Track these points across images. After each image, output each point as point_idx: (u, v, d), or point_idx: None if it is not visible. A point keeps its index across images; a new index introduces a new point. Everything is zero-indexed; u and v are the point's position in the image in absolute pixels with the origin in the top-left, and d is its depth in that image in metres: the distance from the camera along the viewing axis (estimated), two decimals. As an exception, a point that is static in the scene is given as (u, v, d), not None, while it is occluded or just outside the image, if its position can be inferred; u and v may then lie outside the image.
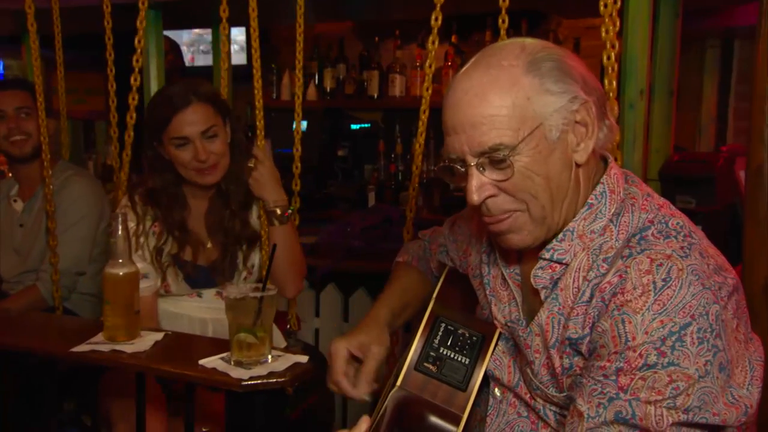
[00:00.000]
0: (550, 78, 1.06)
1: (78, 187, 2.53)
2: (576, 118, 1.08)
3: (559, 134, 1.07)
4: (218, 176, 1.99)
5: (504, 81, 1.06)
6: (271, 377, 1.48)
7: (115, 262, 1.68)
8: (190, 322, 2.08)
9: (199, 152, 1.92)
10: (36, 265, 2.53)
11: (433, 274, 1.62)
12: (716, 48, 3.79)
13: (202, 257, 2.07)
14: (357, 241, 3.09)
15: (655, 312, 0.98)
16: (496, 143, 1.06)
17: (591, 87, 1.10)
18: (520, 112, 1.05)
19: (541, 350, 1.15)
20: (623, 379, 0.98)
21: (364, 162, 4.43)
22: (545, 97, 1.06)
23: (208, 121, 1.94)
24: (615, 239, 1.09)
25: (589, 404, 1.00)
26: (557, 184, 1.09)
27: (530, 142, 1.06)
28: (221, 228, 2.05)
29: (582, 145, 1.09)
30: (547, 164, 1.07)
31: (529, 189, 1.08)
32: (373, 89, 4.21)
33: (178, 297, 2.08)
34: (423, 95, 1.99)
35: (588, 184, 1.13)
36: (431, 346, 1.20)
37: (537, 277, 1.15)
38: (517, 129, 1.05)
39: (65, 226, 2.45)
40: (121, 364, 1.61)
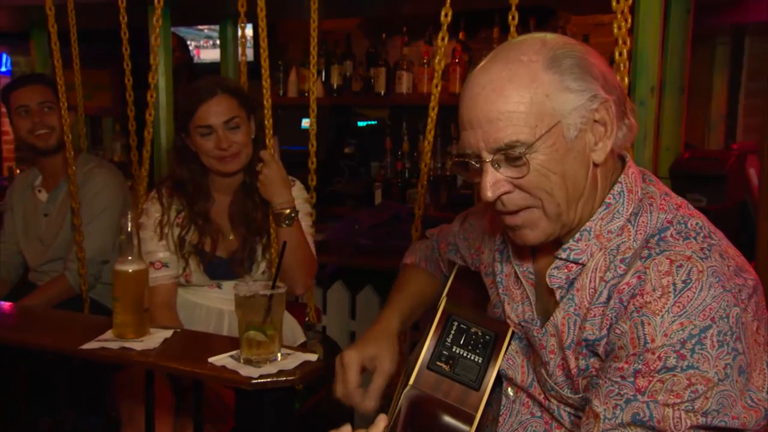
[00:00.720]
0: (571, 75, 1.04)
1: (100, 180, 2.60)
2: (595, 117, 1.06)
3: (577, 133, 1.05)
4: (239, 165, 2.07)
5: (523, 77, 1.04)
6: (281, 375, 1.47)
7: (125, 259, 1.68)
8: (207, 313, 2.12)
9: (221, 140, 2.02)
10: (60, 253, 2.60)
11: (443, 273, 1.61)
12: (726, 45, 3.76)
13: (222, 248, 2.11)
14: (365, 238, 3.08)
15: (674, 314, 0.97)
16: (512, 140, 1.04)
17: (611, 85, 1.08)
18: (538, 109, 1.03)
19: (556, 351, 1.14)
20: (641, 381, 0.97)
21: (371, 159, 4.42)
22: (564, 94, 1.04)
23: (231, 112, 2.05)
24: (633, 240, 1.07)
25: (606, 405, 0.99)
26: (573, 183, 1.07)
27: (547, 140, 1.04)
28: (244, 219, 2.11)
29: (600, 144, 1.08)
30: (563, 163, 1.05)
31: (545, 187, 1.06)
32: (380, 86, 4.20)
33: (197, 287, 2.13)
34: (432, 92, 1.98)
35: (605, 184, 1.12)
36: (444, 344, 1.19)
37: (552, 276, 1.14)
38: (534, 126, 1.03)
39: (89, 217, 2.52)
40: (130, 362, 1.61)
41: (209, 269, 2.09)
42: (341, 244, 3.07)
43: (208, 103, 2.02)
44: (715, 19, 3.45)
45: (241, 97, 2.09)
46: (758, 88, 3.76)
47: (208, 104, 2.02)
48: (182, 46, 4.54)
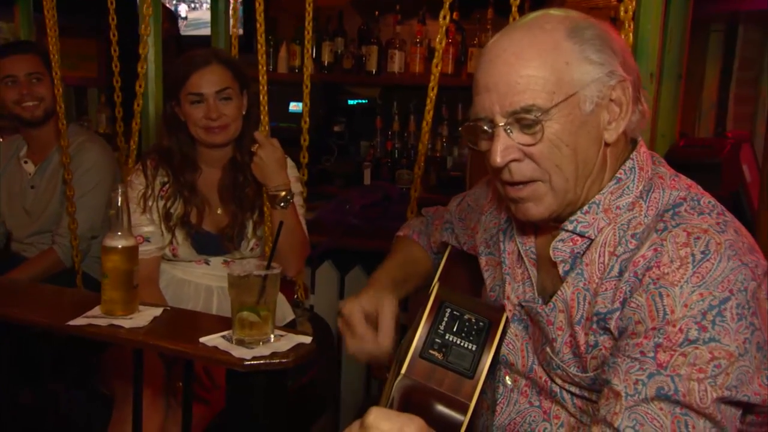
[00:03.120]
0: (592, 47, 1.04)
1: (92, 155, 2.55)
2: (612, 96, 1.06)
3: (593, 107, 1.04)
4: (226, 138, 2.04)
5: (545, 43, 1.04)
6: (275, 357, 1.45)
7: (114, 235, 1.64)
8: (195, 289, 2.10)
9: (211, 110, 1.99)
10: (47, 226, 2.57)
11: (433, 250, 1.59)
12: (720, 32, 3.75)
13: (210, 223, 2.08)
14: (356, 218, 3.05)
15: (694, 284, 0.95)
16: (529, 104, 1.03)
17: (630, 66, 1.07)
18: (558, 76, 1.03)
19: (564, 327, 1.12)
20: (662, 355, 0.95)
21: (361, 138, 4.38)
22: (584, 65, 1.04)
23: (224, 82, 2.02)
24: (644, 215, 1.06)
25: (626, 382, 0.97)
26: (584, 159, 1.06)
27: (563, 109, 1.03)
28: (233, 195, 2.08)
29: (614, 124, 1.07)
30: (576, 136, 1.05)
31: (555, 159, 1.05)
32: (372, 65, 4.14)
33: (186, 263, 2.11)
34: (432, 72, 1.94)
35: (615, 165, 1.11)
36: (437, 332, 1.17)
37: (556, 249, 1.12)
38: (552, 92, 1.03)
39: (81, 192, 2.48)
40: (118, 340, 1.57)
41: (197, 243, 2.07)
42: (332, 224, 3.04)
43: (202, 71, 2.00)
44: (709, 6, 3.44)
45: (236, 70, 2.06)
46: (749, 77, 3.77)
47: (201, 72, 2.00)
48: (170, 19, 4.44)
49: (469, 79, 3.98)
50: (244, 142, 2.08)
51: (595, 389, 1.09)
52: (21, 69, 2.48)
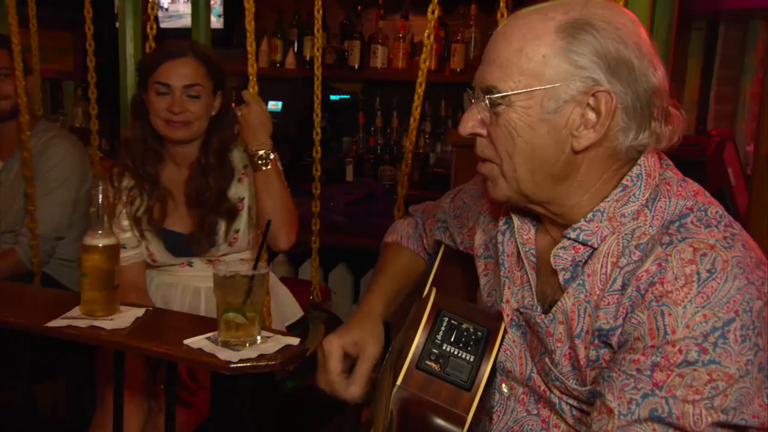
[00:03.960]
0: (581, 49, 0.99)
1: (60, 150, 2.45)
2: (589, 101, 1.00)
3: (558, 107, 1.01)
4: (185, 135, 1.97)
5: (533, 30, 1.02)
6: (261, 360, 1.40)
7: (94, 233, 1.59)
8: (182, 292, 2.06)
9: (174, 103, 1.92)
10: (13, 226, 2.46)
11: (426, 251, 1.56)
12: (701, 30, 3.77)
13: (179, 223, 2.02)
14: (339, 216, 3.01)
15: (698, 305, 0.93)
16: (491, 84, 1.04)
17: (634, 82, 1.00)
18: (527, 65, 1.01)
19: (564, 339, 1.09)
20: (659, 374, 0.93)
21: (343, 134, 4.34)
22: (562, 63, 0.99)
23: (195, 77, 1.94)
24: (649, 225, 1.02)
25: (620, 400, 0.95)
26: (541, 158, 1.04)
27: (523, 100, 1.01)
28: (198, 202, 2.01)
29: (584, 132, 1.02)
30: (533, 131, 1.02)
31: (507, 146, 1.05)
32: (355, 60, 4.11)
33: (170, 267, 2.06)
34: (420, 67, 1.91)
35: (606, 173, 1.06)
36: (434, 342, 1.13)
37: (557, 257, 1.09)
38: (517, 80, 1.02)
39: (46, 190, 2.39)
40: (99, 341, 1.53)
41: (169, 245, 2.01)
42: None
43: (174, 62, 1.92)
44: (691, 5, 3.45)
45: (211, 67, 1.98)
46: (730, 75, 3.79)
47: (173, 63, 1.92)
48: (149, 10, 4.36)
49: (452, 75, 4.00)
50: (211, 144, 2.00)
51: (593, 402, 1.06)
52: None
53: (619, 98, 0.99)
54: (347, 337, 1.33)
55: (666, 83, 1.03)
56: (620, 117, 1.00)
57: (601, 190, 1.06)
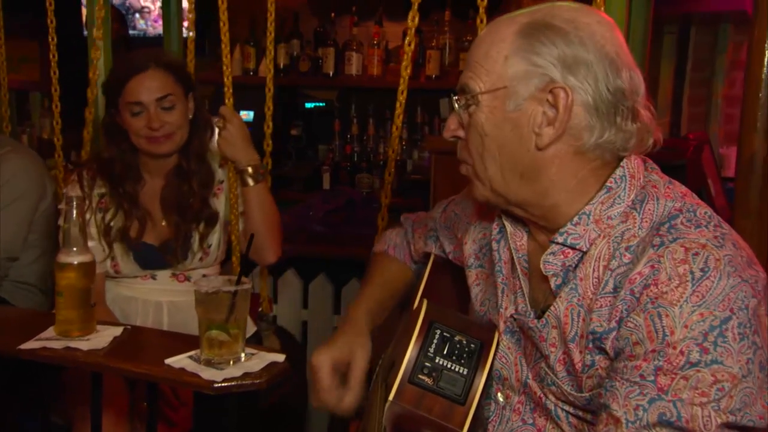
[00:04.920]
0: (538, 49, 1.01)
1: (14, 165, 2.25)
2: (547, 98, 1.02)
3: (517, 105, 1.04)
4: (171, 147, 1.93)
5: (498, 33, 1.06)
6: (246, 378, 1.36)
7: (69, 251, 1.53)
8: (144, 306, 1.98)
9: (152, 119, 1.87)
10: None
11: (414, 259, 1.54)
12: (673, 34, 3.81)
13: (152, 235, 1.97)
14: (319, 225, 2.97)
15: (693, 304, 0.92)
16: (463, 84, 1.09)
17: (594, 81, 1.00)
18: (492, 67, 1.05)
19: (557, 344, 1.07)
20: (663, 379, 0.92)
21: (319, 142, 4.30)
22: (520, 63, 1.03)
23: (165, 88, 1.89)
24: (638, 227, 1.02)
25: (626, 407, 0.93)
26: (508, 158, 1.07)
27: (489, 100, 1.05)
28: (177, 206, 1.96)
29: (546, 129, 1.03)
30: (500, 130, 1.05)
31: (478, 147, 1.08)
32: (329, 67, 4.08)
33: (131, 279, 1.99)
34: (402, 75, 1.89)
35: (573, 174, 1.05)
36: (426, 355, 1.11)
37: (547, 263, 1.07)
38: (484, 81, 1.06)
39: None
40: (76, 363, 1.47)
41: (139, 257, 1.95)
42: (294, 231, 2.95)
43: (140, 78, 1.86)
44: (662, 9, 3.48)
45: (178, 73, 1.92)
46: (702, 78, 3.84)
47: (139, 78, 1.86)
48: (119, 19, 4.29)
49: (427, 82, 3.99)
50: (191, 148, 1.96)
51: (590, 409, 1.05)
52: None
53: (577, 95, 1.01)
54: (334, 349, 1.31)
55: (635, 84, 1.04)
56: (582, 115, 1.02)
57: (581, 191, 1.06)
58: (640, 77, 1.05)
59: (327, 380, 1.28)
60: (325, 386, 1.27)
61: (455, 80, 1.11)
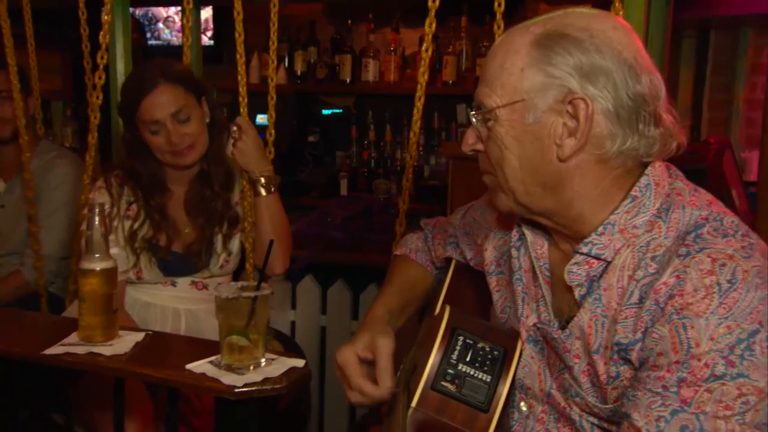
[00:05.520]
0: (554, 60, 1.00)
1: (61, 170, 2.44)
2: (568, 109, 1.01)
3: (536, 118, 1.02)
4: (196, 156, 1.95)
5: (513, 44, 1.04)
6: (267, 383, 1.37)
7: (92, 257, 1.55)
8: (162, 312, 2.00)
9: (171, 135, 1.88)
10: (19, 247, 2.45)
11: (435, 265, 1.53)
12: (692, 38, 3.79)
13: (178, 243, 1.99)
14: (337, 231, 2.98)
15: (720, 316, 0.90)
16: (479, 100, 1.07)
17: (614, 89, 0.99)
18: (507, 80, 1.03)
19: (581, 355, 1.06)
20: (686, 391, 0.91)
21: (336, 148, 4.31)
22: (537, 75, 1.01)
23: (178, 102, 1.89)
24: (664, 236, 1.00)
25: (647, 418, 0.92)
26: (530, 171, 1.05)
27: (507, 114, 1.04)
28: (201, 210, 1.98)
29: (567, 140, 1.02)
30: (520, 143, 1.04)
31: (498, 159, 1.07)
32: (346, 74, 4.09)
33: (151, 285, 2.01)
34: (419, 81, 1.89)
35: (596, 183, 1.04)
36: (449, 362, 1.10)
37: (571, 273, 1.06)
38: (500, 95, 1.04)
39: (50, 210, 2.37)
40: (98, 368, 1.48)
41: (163, 265, 1.98)
42: (313, 237, 2.96)
43: (152, 95, 1.87)
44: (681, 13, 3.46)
45: (187, 83, 1.92)
46: (722, 82, 3.81)
47: (151, 96, 1.87)
48: (138, 28, 4.34)
49: (444, 87, 3.98)
50: (209, 151, 1.98)
51: (615, 421, 1.04)
52: None
53: (597, 104, 1.00)
54: (357, 342, 1.29)
55: (656, 88, 1.02)
56: (604, 123, 1.00)
57: (605, 200, 1.05)
58: (661, 80, 1.03)
59: (357, 372, 1.26)
60: (359, 375, 1.26)
61: (472, 86, 1.10)
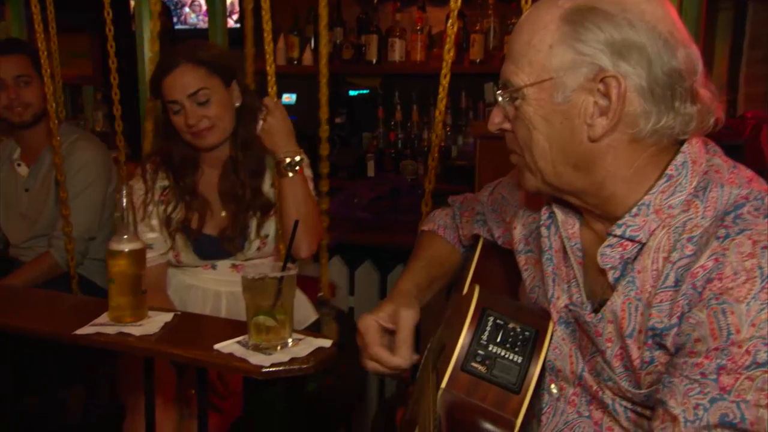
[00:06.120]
0: (586, 35, 0.95)
1: (86, 153, 2.47)
2: (599, 88, 0.96)
3: (566, 97, 0.98)
4: (216, 138, 1.94)
5: (541, 20, 1.00)
6: (294, 363, 1.37)
7: (120, 238, 1.56)
8: (203, 295, 2.03)
9: (188, 116, 1.88)
10: (45, 230, 2.49)
11: (463, 243, 1.51)
12: (729, 11, 3.67)
13: (211, 226, 2.00)
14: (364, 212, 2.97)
15: (762, 301, 0.87)
16: (506, 79, 1.04)
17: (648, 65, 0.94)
18: (536, 57, 0.99)
19: (614, 339, 1.03)
20: (726, 378, 0.88)
21: (363, 129, 4.29)
22: (567, 52, 0.97)
23: (197, 83, 1.88)
24: (701, 216, 0.97)
25: (685, 406, 0.90)
26: (559, 151, 1.02)
27: (535, 93, 1.00)
28: (233, 196, 1.99)
29: (598, 120, 0.97)
30: (548, 123, 1.00)
31: (526, 139, 1.04)
32: (372, 54, 4.05)
33: (192, 268, 2.03)
34: (444, 58, 1.86)
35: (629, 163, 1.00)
36: (479, 343, 1.08)
37: (605, 255, 1.03)
38: (528, 73, 1.00)
39: (75, 192, 2.40)
40: (128, 348, 1.50)
41: (198, 248, 1.99)
42: (340, 218, 2.95)
43: (172, 76, 1.87)
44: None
45: (211, 65, 1.90)
46: (760, 56, 3.69)
47: (171, 77, 1.87)
48: (165, 12, 4.35)
49: (471, 66, 3.93)
50: (237, 137, 1.97)
51: (649, 405, 1.02)
52: (8, 72, 2.38)
53: (630, 82, 0.95)
54: (380, 311, 1.29)
55: (692, 62, 0.98)
56: (637, 101, 0.96)
57: (639, 180, 1.01)
58: (698, 54, 0.99)
59: (376, 338, 1.25)
60: (375, 343, 1.25)
61: (500, 64, 1.05)
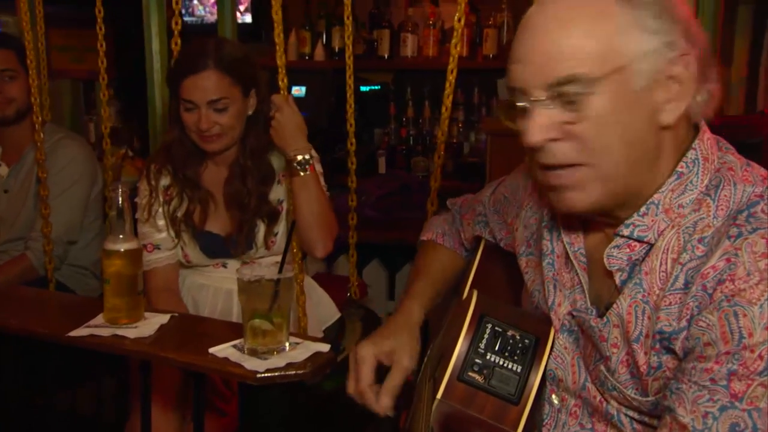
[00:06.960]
0: (648, 12, 0.89)
1: (68, 151, 2.40)
2: (671, 71, 0.90)
3: (645, 83, 0.90)
4: (221, 146, 1.91)
5: (592, 8, 0.90)
6: (290, 369, 1.33)
7: (116, 238, 1.53)
8: (214, 293, 2.00)
9: (201, 120, 1.84)
10: (23, 233, 2.39)
11: (465, 247, 1.46)
12: (749, 5, 3.58)
13: (216, 224, 1.97)
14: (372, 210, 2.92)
15: None
16: (571, 74, 0.89)
17: (695, 38, 0.91)
18: (606, 45, 0.89)
19: (620, 344, 0.98)
20: (737, 384, 0.83)
21: (374, 126, 4.24)
22: (638, 33, 0.89)
23: (219, 91, 1.84)
24: (713, 216, 0.92)
25: (694, 414, 0.85)
26: (635, 142, 0.92)
27: (611, 83, 0.89)
28: (238, 203, 1.95)
29: (672, 105, 0.91)
30: (626, 115, 0.90)
31: (603, 139, 0.91)
32: (384, 49, 4.01)
33: (203, 267, 2.01)
34: (451, 53, 1.81)
35: (674, 153, 0.96)
36: (476, 351, 1.04)
37: (611, 257, 0.98)
38: (599, 63, 0.89)
39: (57, 191, 2.32)
40: (122, 351, 1.47)
41: (204, 245, 1.96)
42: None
43: (196, 77, 1.83)
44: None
45: (237, 73, 1.85)
46: (781, 51, 3.59)
47: (194, 78, 1.83)
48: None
49: (484, 62, 3.87)
50: (246, 144, 1.93)
51: (656, 415, 0.97)
52: None
53: (696, 57, 0.91)
54: (382, 346, 1.25)
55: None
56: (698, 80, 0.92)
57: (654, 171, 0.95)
58: None
59: (368, 376, 1.23)
60: (365, 382, 1.22)
61: None
